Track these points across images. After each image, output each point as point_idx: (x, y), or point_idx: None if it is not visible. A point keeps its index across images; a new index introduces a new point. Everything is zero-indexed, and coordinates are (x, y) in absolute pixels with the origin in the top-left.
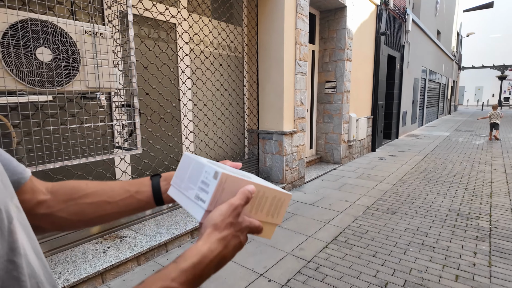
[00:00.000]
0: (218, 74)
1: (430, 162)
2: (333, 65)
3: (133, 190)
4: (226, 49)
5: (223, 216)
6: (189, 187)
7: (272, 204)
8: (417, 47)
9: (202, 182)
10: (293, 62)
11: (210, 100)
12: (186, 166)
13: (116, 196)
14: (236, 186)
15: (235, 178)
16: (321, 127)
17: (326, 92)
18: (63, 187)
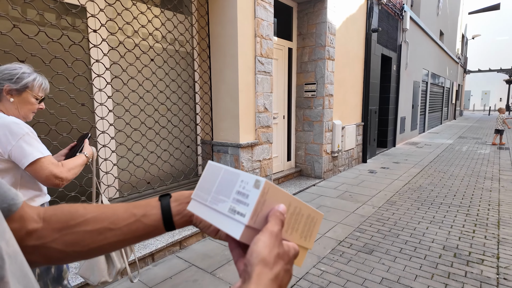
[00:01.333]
0: (162, 73)
1: (428, 176)
2: (312, 64)
3: (140, 213)
4: (171, 42)
5: (269, 248)
6: (220, 200)
7: (306, 224)
8: (417, 48)
9: (238, 193)
10: (252, 59)
11: (150, 105)
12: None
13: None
14: (277, 198)
15: (276, 189)
16: (301, 136)
17: (306, 96)
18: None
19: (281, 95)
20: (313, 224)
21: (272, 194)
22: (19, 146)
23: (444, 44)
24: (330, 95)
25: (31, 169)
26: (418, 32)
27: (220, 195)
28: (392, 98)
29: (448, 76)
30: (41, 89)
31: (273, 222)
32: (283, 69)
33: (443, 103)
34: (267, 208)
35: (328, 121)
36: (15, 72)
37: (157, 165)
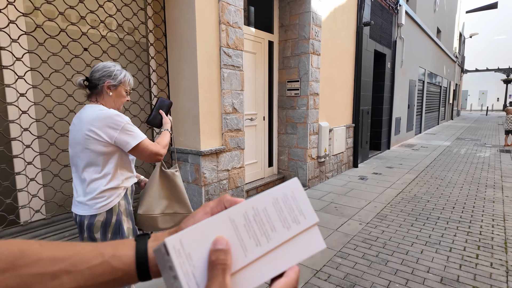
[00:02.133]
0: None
1: (423, 184)
2: (295, 60)
3: (109, 253)
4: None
5: None
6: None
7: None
8: (413, 45)
9: (170, 269)
10: (215, 50)
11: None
12: None
13: (83, 263)
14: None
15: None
16: (284, 139)
17: (289, 95)
18: (3, 249)
19: (260, 93)
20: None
21: (194, 238)
22: (122, 134)
23: (441, 42)
24: (315, 94)
25: (134, 151)
26: (414, 28)
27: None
28: (386, 98)
29: (446, 75)
30: (130, 83)
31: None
32: (262, 64)
33: (440, 103)
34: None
35: (313, 123)
36: (112, 69)
37: None
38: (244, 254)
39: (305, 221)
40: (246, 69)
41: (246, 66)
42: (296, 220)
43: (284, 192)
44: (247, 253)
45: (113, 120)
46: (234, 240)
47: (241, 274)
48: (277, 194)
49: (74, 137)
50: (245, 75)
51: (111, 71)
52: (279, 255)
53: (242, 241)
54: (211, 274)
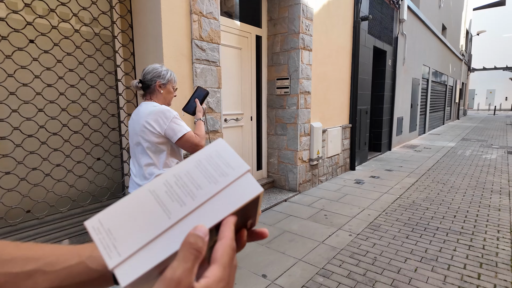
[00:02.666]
0: (69, 62)
1: (424, 189)
2: (285, 56)
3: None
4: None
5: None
6: None
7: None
8: (417, 42)
9: None
10: (186, 43)
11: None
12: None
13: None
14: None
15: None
16: (273, 141)
17: (278, 94)
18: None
19: (247, 92)
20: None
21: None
22: (170, 126)
23: (447, 40)
24: (307, 93)
25: (180, 142)
26: (418, 24)
27: None
28: (387, 97)
29: (451, 73)
30: (175, 81)
31: (175, 261)
32: (249, 60)
33: (445, 102)
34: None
35: (304, 123)
36: (160, 70)
37: (66, 182)
38: (168, 217)
39: (234, 172)
40: (230, 66)
41: (230, 62)
42: (223, 174)
43: (208, 153)
44: (171, 215)
45: (164, 114)
46: (155, 207)
47: (170, 232)
48: (200, 156)
49: (133, 129)
50: (229, 72)
51: (159, 71)
52: (210, 208)
53: (164, 206)
54: (182, 254)
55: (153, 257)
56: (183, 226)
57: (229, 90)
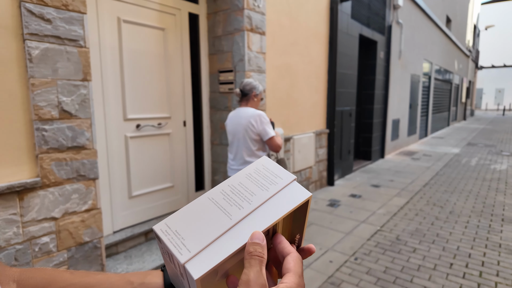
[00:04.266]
0: None
1: (415, 215)
2: (228, 40)
3: (138, 281)
4: None
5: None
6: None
7: (255, 180)
8: (416, 33)
9: (170, 259)
10: (9, 8)
11: None
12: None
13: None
14: (190, 215)
15: (175, 215)
16: (218, 153)
17: (222, 91)
18: (36, 275)
19: (176, 89)
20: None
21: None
22: (264, 128)
23: (451, 33)
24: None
25: (268, 142)
26: (417, 12)
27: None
28: (378, 96)
29: (457, 71)
30: (262, 92)
31: (246, 267)
32: (179, 47)
33: (450, 102)
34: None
35: None
36: (254, 84)
37: None
38: (229, 218)
39: (282, 181)
40: (146, 53)
41: (146, 47)
42: (273, 182)
43: (256, 167)
44: (232, 216)
45: (262, 117)
46: (216, 211)
47: (233, 230)
48: (249, 170)
49: (235, 128)
50: (141, 61)
51: (254, 85)
52: (265, 210)
53: (224, 209)
54: (249, 263)
55: (220, 253)
56: (243, 225)
57: (142, 85)
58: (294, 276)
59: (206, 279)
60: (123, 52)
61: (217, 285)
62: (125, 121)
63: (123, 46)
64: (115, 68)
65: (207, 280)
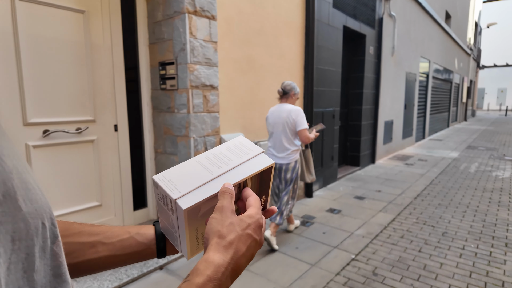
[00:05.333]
0: None
1: (400, 237)
2: (169, 26)
3: (134, 231)
4: None
5: (220, 221)
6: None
7: (232, 151)
8: (412, 28)
9: (164, 202)
10: None
11: None
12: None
13: (114, 237)
14: (183, 171)
15: (171, 169)
16: (163, 163)
17: (164, 88)
18: None
19: (105, 85)
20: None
21: (172, 172)
22: (299, 120)
23: (451, 30)
24: (208, 87)
25: (299, 132)
26: (412, 5)
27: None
28: (368, 95)
29: (458, 69)
30: (299, 92)
31: (220, 200)
32: (107, 34)
33: (450, 102)
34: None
35: (206, 137)
36: (293, 85)
37: None
38: (211, 173)
39: (253, 152)
40: (57, 40)
41: (56, 33)
42: (246, 153)
43: (233, 143)
44: (212, 172)
45: (299, 112)
46: (201, 168)
47: (213, 181)
48: (228, 144)
49: (276, 120)
50: (58, 51)
51: (294, 86)
52: (237, 171)
53: (207, 168)
54: (222, 196)
55: (202, 194)
56: (221, 179)
57: (51, 81)
58: (254, 208)
59: (191, 213)
60: (19, 39)
61: (198, 221)
62: (25, 126)
63: (19, 30)
64: (8, 58)
65: (192, 214)
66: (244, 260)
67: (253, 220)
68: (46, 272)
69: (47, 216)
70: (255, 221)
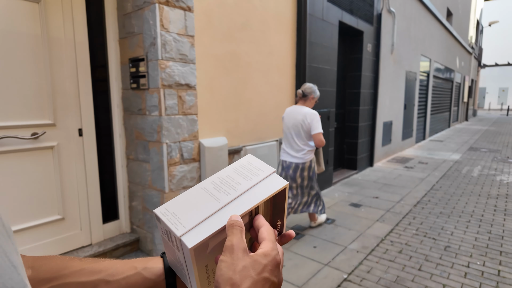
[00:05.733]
0: None
1: (399, 251)
2: (139, 19)
3: (140, 266)
4: None
5: (232, 267)
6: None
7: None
8: (413, 26)
9: (168, 238)
10: None
11: None
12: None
13: (118, 274)
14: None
15: (173, 200)
16: (135, 170)
17: (134, 87)
18: (48, 262)
19: (65, 84)
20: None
21: (175, 203)
22: (314, 124)
23: (453, 28)
24: (183, 86)
25: (314, 135)
26: (412, 1)
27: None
28: (366, 95)
29: (459, 68)
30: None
31: (229, 237)
32: (69, 27)
33: (451, 102)
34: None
35: (182, 142)
36: (313, 88)
37: None
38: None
39: (264, 173)
40: (7, 33)
41: (6, 26)
42: (255, 174)
43: (241, 163)
44: (220, 200)
45: (315, 115)
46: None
47: (221, 211)
48: (236, 165)
49: (291, 122)
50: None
51: (314, 89)
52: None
53: (213, 195)
54: (231, 232)
55: (210, 228)
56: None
57: (4, 80)
58: (268, 242)
59: (198, 250)
60: None
61: (207, 258)
62: None
63: None
64: None
65: (199, 251)
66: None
67: (269, 260)
68: None
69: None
70: (271, 260)
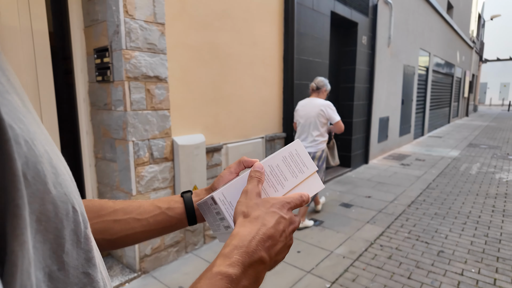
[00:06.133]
0: None
1: (388, 257)
2: (102, 5)
3: (164, 206)
4: None
5: (245, 204)
6: (216, 224)
7: (288, 165)
8: (411, 18)
9: (217, 214)
10: None
11: None
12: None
13: (146, 213)
14: (238, 188)
15: (229, 187)
16: (104, 170)
17: (100, 80)
18: (89, 204)
19: (21, 77)
20: (297, 157)
21: (231, 193)
22: (331, 114)
23: (453, 21)
24: (151, 78)
25: (335, 124)
26: None
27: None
28: (360, 90)
29: (459, 63)
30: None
31: (248, 184)
32: (24, 14)
33: (452, 97)
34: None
35: (152, 140)
36: (325, 82)
37: None
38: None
39: (308, 170)
40: None
41: None
42: (301, 171)
43: (290, 151)
44: (268, 195)
45: (330, 106)
46: None
47: None
48: (285, 153)
49: (309, 113)
50: None
51: (326, 83)
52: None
53: (264, 190)
54: (249, 181)
55: None
56: None
57: None
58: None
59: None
60: None
61: None
62: None
63: None
64: None
65: None
66: (273, 231)
67: (278, 201)
68: (79, 255)
69: (77, 201)
70: (280, 201)
